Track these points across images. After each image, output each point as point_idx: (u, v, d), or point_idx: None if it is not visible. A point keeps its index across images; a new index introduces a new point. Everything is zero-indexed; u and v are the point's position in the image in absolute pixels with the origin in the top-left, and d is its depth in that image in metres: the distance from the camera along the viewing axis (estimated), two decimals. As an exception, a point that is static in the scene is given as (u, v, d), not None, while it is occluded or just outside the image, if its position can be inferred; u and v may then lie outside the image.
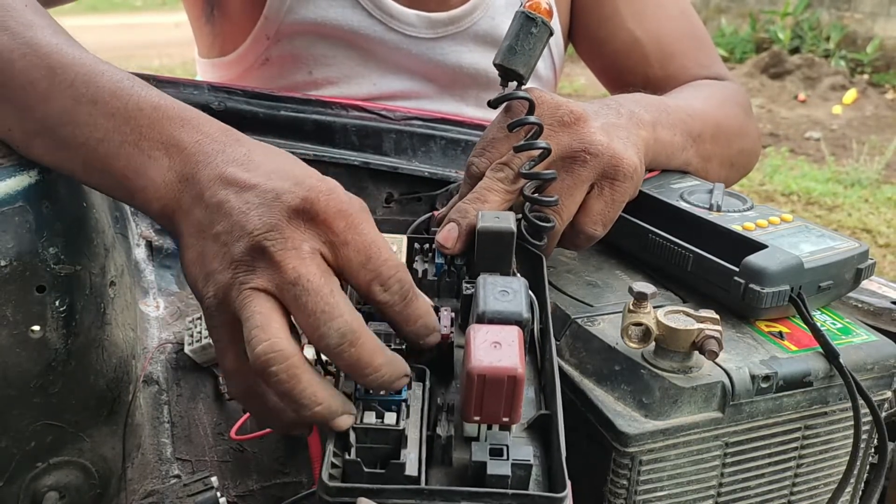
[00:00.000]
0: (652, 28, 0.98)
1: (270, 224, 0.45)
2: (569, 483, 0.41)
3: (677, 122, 0.71)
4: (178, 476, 0.67)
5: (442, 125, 0.90)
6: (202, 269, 0.47)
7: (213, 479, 0.63)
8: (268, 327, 0.43)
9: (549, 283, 0.62)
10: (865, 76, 6.18)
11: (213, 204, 0.47)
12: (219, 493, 0.62)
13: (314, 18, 0.93)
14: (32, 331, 0.56)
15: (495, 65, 0.61)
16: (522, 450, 0.42)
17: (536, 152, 0.59)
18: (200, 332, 0.71)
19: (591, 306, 0.59)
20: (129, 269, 0.70)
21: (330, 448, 0.42)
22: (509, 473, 0.40)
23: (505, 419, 0.42)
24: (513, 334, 0.43)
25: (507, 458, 0.41)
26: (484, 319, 0.47)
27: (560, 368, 0.55)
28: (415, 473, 0.41)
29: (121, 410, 0.65)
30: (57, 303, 0.57)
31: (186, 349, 0.71)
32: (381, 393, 0.45)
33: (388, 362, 0.44)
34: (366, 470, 0.41)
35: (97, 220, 0.62)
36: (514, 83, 0.61)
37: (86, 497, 0.62)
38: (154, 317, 0.74)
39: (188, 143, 0.50)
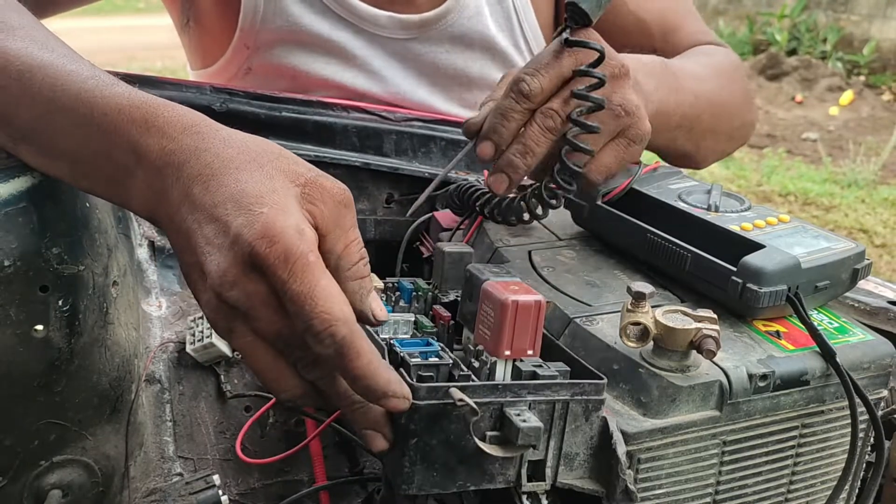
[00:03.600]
0: (653, 6, 1.03)
1: (226, 280, 0.44)
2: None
3: (682, 102, 0.77)
4: (180, 474, 0.67)
5: (442, 126, 0.90)
6: (191, 276, 0.47)
7: (215, 477, 0.64)
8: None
9: (549, 282, 0.63)
10: (862, 78, 6.20)
11: (183, 231, 0.46)
12: (220, 492, 0.62)
13: (287, 27, 0.93)
14: (36, 330, 0.56)
15: (567, 2, 0.62)
16: (555, 364, 0.52)
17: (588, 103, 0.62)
18: (202, 332, 0.71)
19: (590, 306, 0.60)
20: (131, 269, 0.71)
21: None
22: (557, 373, 0.50)
23: (529, 352, 0.50)
24: (521, 284, 0.51)
25: (549, 368, 0.51)
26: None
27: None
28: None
29: (123, 409, 0.65)
30: (60, 302, 0.57)
31: (188, 348, 0.71)
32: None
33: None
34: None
35: (100, 221, 0.62)
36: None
37: (88, 495, 0.63)
38: (156, 316, 0.74)
39: (154, 152, 0.48)
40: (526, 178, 0.67)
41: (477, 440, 0.46)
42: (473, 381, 0.49)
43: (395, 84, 0.99)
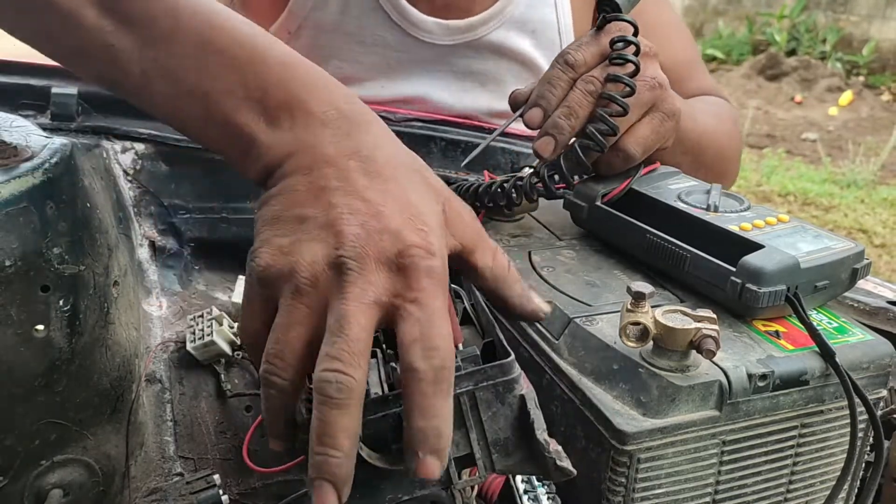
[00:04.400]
0: (670, 55, 1.08)
1: (359, 254, 0.42)
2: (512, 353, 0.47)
3: (694, 130, 0.81)
4: (180, 474, 0.67)
5: (442, 126, 0.90)
6: (287, 223, 0.45)
7: (216, 476, 0.64)
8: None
9: (548, 282, 0.63)
10: (861, 78, 6.20)
11: (318, 187, 0.45)
12: (221, 491, 0.62)
13: (338, 16, 0.95)
14: (37, 330, 0.57)
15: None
16: (465, 350, 0.49)
17: (625, 68, 0.66)
18: (203, 330, 0.71)
19: (590, 306, 0.60)
20: (132, 269, 0.71)
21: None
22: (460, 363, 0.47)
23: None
24: None
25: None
26: None
27: (559, 367, 0.56)
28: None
29: (124, 409, 0.65)
30: (61, 302, 0.57)
31: (189, 346, 0.71)
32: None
33: (343, 453, 0.41)
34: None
35: (101, 221, 0.63)
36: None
37: (89, 494, 0.63)
38: (157, 316, 0.75)
39: (316, 112, 0.47)
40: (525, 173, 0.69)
41: (364, 454, 0.44)
42: (376, 394, 0.47)
43: (421, 87, 1.00)
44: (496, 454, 0.47)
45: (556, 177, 0.69)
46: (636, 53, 0.67)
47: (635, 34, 0.68)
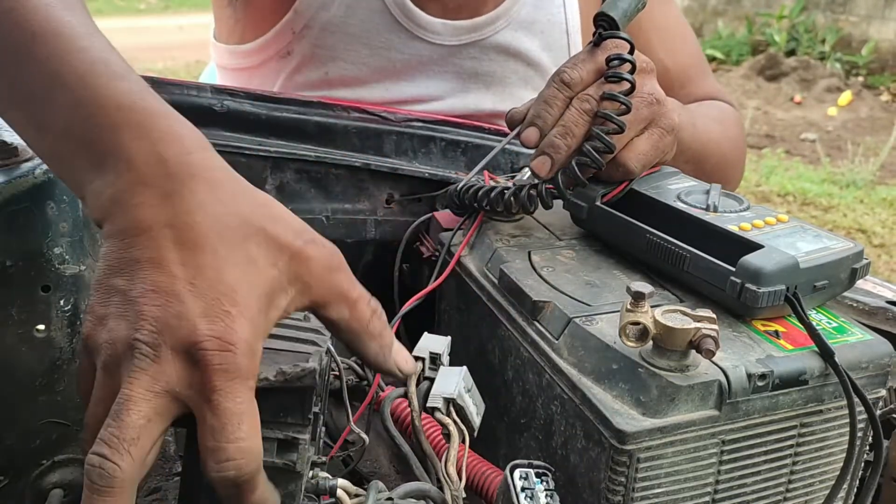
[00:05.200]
0: (678, 59, 1.08)
1: (154, 341, 0.40)
2: None
3: (696, 139, 0.81)
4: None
5: (442, 126, 0.90)
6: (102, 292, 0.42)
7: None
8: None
9: (548, 282, 0.63)
10: (860, 78, 6.21)
11: (130, 259, 0.42)
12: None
13: (343, 18, 0.95)
14: (37, 330, 0.57)
15: (597, 14, 0.69)
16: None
17: (621, 86, 0.67)
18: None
19: (590, 306, 0.60)
20: (132, 269, 0.71)
21: None
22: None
23: None
24: None
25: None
26: None
27: (558, 367, 0.57)
28: None
29: (124, 409, 0.65)
30: (62, 302, 0.58)
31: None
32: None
33: None
34: None
35: (101, 221, 0.63)
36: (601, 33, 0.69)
37: (90, 494, 0.63)
38: (156, 316, 0.75)
39: (140, 167, 0.43)
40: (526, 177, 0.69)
41: None
42: None
43: (426, 88, 1.00)
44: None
45: (554, 191, 0.69)
46: (632, 71, 0.67)
47: (631, 51, 0.68)
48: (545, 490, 0.52)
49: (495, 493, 0.57)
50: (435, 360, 0.58)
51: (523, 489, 0.52)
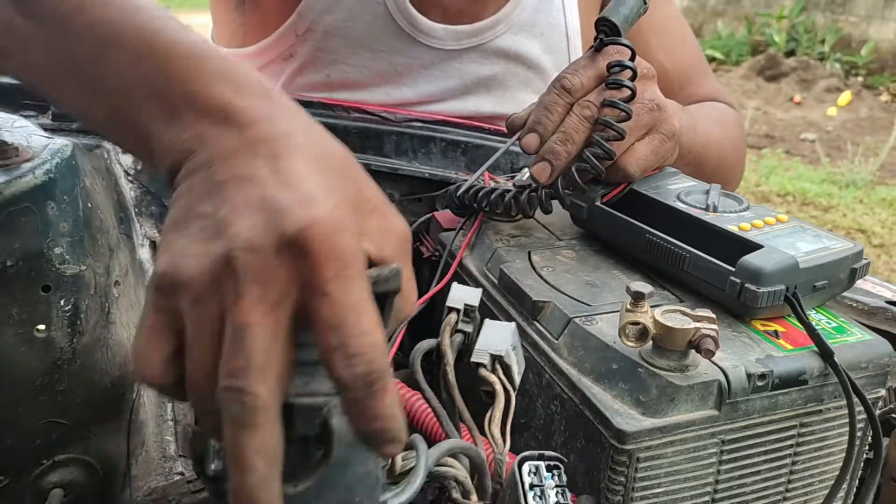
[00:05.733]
0: (678, 60, 1.09)
1: (254, 246, 0.37)
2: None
3: (696, 142, 0.81)
4: (181, 473, 0.67)
5: (442, 127, 0.90)
6: (189, 226, 0.39)
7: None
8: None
9: (548, 282, 0.63)
10: (860, 78, 6.21)
11: (214, 182, 0.40)
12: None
13: (346, 22, 0.95)
14: (38, 330, 0.57)
15: (598, 18, 0.70)
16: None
17: (622, 93, 0.67)
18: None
19: (590, 305, 0.60)
20: (133, 269, 0.71)
21: None
22: None
23: None
24: None
25: None
26: None
27: (558, 367, 0.57)
28: None
29: (125, 408, 0.65)
30: (62, 302, 0.58)
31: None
32: None
33: (260, 477, 0.36)
34: None
35: (102, 221, 0.63)
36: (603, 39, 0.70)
37: (90, 494, 0.63)
38: (157, 316, 0.75)
39: (221, 105, 0.43)
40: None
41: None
42: None
43: (426, 92, 1.01)
44: None
45: (553, 196, 0.69)
46: (633, 77, 0.68)
47: (632, 58, 0.68)
48: (556, 486, 0.51)
49: (421, 420, 0.57)
50: (468, 312, 0.56)
51: (532, 486, 0.50)
